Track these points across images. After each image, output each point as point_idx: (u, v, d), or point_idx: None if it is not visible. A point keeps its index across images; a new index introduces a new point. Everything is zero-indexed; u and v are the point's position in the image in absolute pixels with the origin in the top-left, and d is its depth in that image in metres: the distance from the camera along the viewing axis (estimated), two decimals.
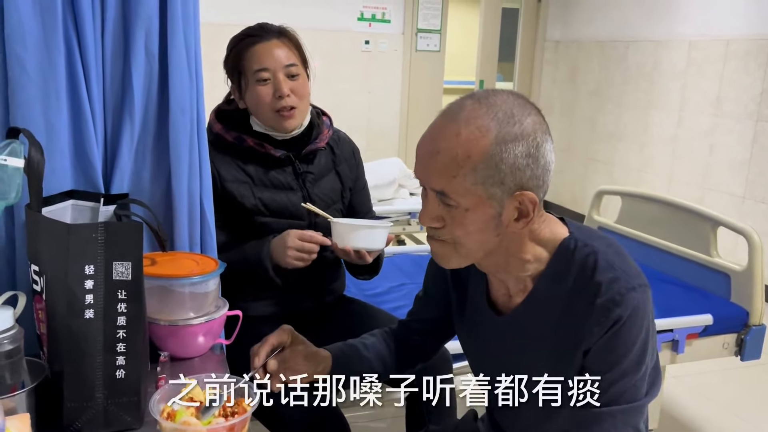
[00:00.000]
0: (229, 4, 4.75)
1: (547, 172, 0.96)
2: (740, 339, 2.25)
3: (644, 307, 0.98)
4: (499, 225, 0.96)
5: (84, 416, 0.98)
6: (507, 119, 0.92)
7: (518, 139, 0.92)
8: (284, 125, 1.60)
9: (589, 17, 5.34)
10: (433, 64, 5.77)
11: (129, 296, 0.98)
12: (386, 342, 1.28)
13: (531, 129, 0.93)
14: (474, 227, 0.96)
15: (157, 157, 1.28)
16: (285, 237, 1.54)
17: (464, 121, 0.93)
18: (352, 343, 1.24)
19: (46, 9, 1.12)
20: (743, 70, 3.97)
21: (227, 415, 0.97)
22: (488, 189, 0.93)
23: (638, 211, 2.70)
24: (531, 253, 1.03)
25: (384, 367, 1.25)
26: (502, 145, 0.91)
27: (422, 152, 0.98)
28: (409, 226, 3.69)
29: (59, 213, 1.16)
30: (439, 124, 0.96)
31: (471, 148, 0.92)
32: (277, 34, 1.60)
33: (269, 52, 1.57)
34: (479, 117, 0.92)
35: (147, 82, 1.24)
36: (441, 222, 0.98)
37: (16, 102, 1.12)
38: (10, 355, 0.95)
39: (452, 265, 1.04)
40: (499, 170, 0.92)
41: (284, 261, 1.53)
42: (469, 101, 0.95)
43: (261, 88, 1.57)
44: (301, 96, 1.60)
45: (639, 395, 1.00)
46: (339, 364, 1.19)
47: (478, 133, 0.92)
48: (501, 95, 0.95)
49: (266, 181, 1.62)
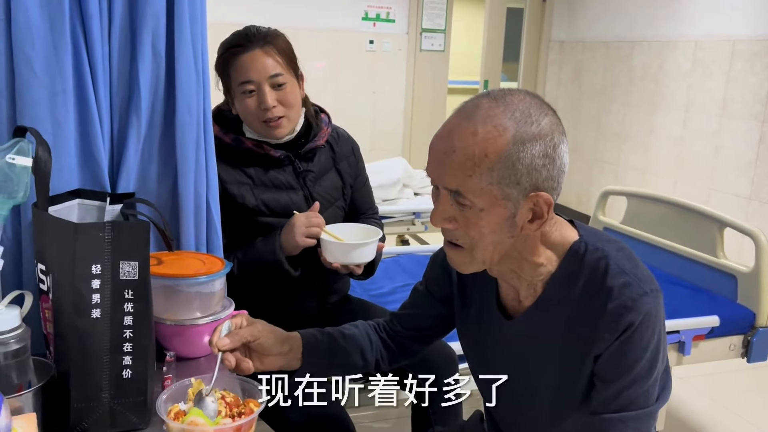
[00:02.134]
0: (235, 5, 4.75)
1: (561, 173, 0.95)
2: (747, 341, 2.24)
3: (656, 312, 0.96)
4: (513, 226, 0.95)
5: (90, 416, 0.98)
6: (524, 119, 0.91)
7: (535, 139, 0.91)
8: (273, 134, 1.59)
9: (595, 17, 5.33)
10: (438, 64, 5.76)
11: (135, 296, 0.98)
12: (368, 334, 1.25)
13: (548, 129, 0.92)
14: (488, 228, 0.94)
15: (164, 157, 1.28)
16: (291, 221, 1.55)
17: (481, 120, 0.91)
18: (329, 332, 1.22)
19: (54, 8, 1.12)
20: (749, 71, 3.96)
21: (234, 415, 0.97)
22: (504, 189, 0.91)
23: (644, 211, 2.69)
24: (544, 256, 1.01)
25: (363, 359, 1.23)
26: (520, 145, 0.90)
27: (436, 150, 0.95)
28: (413, 226, 3.68)
29: (66, 212, 1.16)
30: (454, 122, 0.94)
31: (488, 147, 0.90)
32: (261, 42, 1.54)
33: (253, 63, 1.53)
34: (496, 116, 0.91)
35: (154, 81, 1.24)
36: (453, 223, 0.96)
37: (23, 101, 1.13)
38: (16, 355, 0.95)
39: (470, 270, 1.03)
40: (515, 170, 0.91)
41: (294, 242, 1.53)
42: (486, 100, 0.93)
43: (247, 99, 1.55)
44: (288, 105, 1.57)
45: (650, 401, 0.99)
46: (310, 347, 1.17)
47: (495, 132, 0.90)
48: (518, 94, 0.94)
49: (267, 182, 1.62)
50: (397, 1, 5.51)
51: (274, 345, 1.11)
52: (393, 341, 1.27)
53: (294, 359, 1.15)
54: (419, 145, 5.79)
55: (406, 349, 1.28)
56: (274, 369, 1.13)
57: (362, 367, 1.24)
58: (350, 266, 1.57)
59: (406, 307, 1.30)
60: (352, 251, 1.54)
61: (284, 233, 1.56)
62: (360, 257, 1.55)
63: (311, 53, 5.01)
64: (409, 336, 1.28)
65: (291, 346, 1.15)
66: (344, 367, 1.22)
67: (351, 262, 1.56)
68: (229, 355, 1.04)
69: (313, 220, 1.55)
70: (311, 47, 5.08)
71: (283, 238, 1.56)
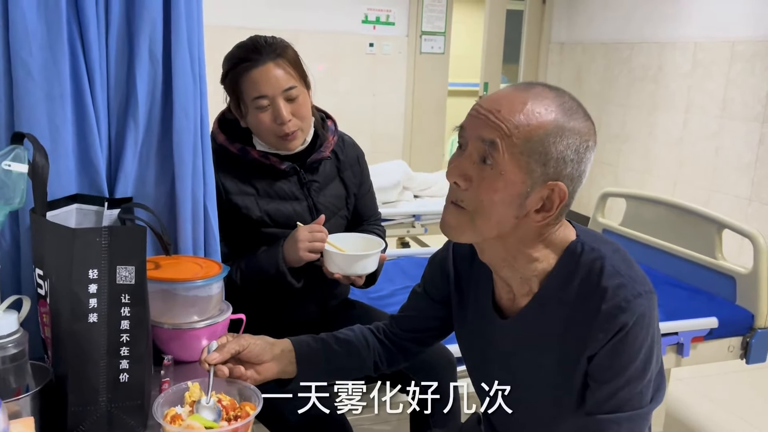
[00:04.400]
0: (233, 7, 4.76)
1: (580, 180, 0.98)
2: (746, 342, 2.24)
3: (650, 314, 0.97)
4: (521, 207, 0.96)
5: (88, 420, 0.98)
6: (571, 112, 0.96)
7: (574, 133, 0.95)
8: (287, 147, 1.58)
9: (594, 19, 5.33)
10: (438, 67, 5.76)
11: (133, 300, 0.98)
12: (364, 337, 1.25)
13: (586, 130, 0.97)
14: (500, 196, 0.95)
15: (161, 161, 1.29)
16: (295, 234, 1.54)
17: (534, 96, 0.95)
18: (322, 337, 1.23)
19: (51, 13, 1.12)
20: (749, 72, 3.96)
21: (230, 419, 0.97)
22: (531, 163, 0.94)
23: (643, 213, 2.70)
24: (540, 252, 1.02)
25: (360, 362, 1.23)
26: (560, 131, 0.94)
27: (482, 109, 0.97)
28: (413, 229, 3.69)
29: (64, 217, 1.16)
30: (507, 91, 0.98)
31: (532, 119, 0.93)
32: (273, 55, 1.52)
33: (266, 77, 1.50)
34: (548, 98, 0.95)
35: (151, 85, 1.24)
36: (468, 182, 0.97)
37: (20, 106, 1.13)
38: (14, 359, 0.95)
39: (463, 238, 1.03)
40: (547, 152, 0.94)
41: (297, 257, 1.53)
42: (540, 84, 0.98)
43: (261, 114, 1.53)
44: (302, 117, 1.56)
45: (644, 402, 0.99)
46: (303, 352, 1.18)
47: (543, 110, 0.94)
48: (568, 93, 0.99)
49: (271, 193, 1.61)
50: (397, 4, 5.51)
51: (264, 350, 1.12)
52: (392, 343, 1.27)
53: (289, 364, 1.16)
54: (419, 148, 5.79)
55: (405, 350, 1.29)
56: (271, 377, 1.14)
57: (360, 369, 1.24)
58: (352, 277, 1.57)
59: (405, 310, 1.30)
60: (355, 263, 1.54)
61: (287, 246, 1.55)
62: (362, 269, 1.55)
63: (311, 56, 5.00)
64: (408, 338, 1.28)
65: (282, 349, 1.16)
66: (342, 371, 1.22)
67: (353, 273, 1.55)
68: (222, 367, 1.05)
69: (317, 234, 1.54)
70: (311, 50, 5.08)
71: (285, 250, 1.55)
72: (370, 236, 1.68)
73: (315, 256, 1.54)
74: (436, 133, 5.86)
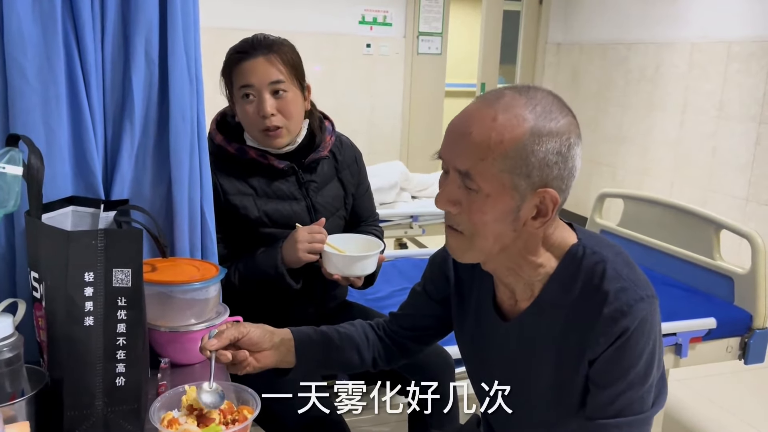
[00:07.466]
0: (230, 9, 4.75)
1: (572, 176, 0.95)
2: (744, 342, 2.24)
3: (652, 318, 0.96)
4: (517, 220, 0.95)
5: (84, 424, 0.97)
6: (545, 114, 0.92)
7: (552, 135, 0.91)
8: (271, 144, 1.58)
9: (591, 19, 5.34)
10: (435, 67, 5.77)
11: (129, 303, 0.98)
12: (365, 332, 1.25)
13: (566, 129, 0.93)
14: (491, 216, 0.94)
15: (158, 163, 1.28)
16: (294, 235, 1.54)
17: (502, 108, 0.92)
18: (323, 329, 1.23)
19: (46, 15, 1.12)
20: (746, 73, 3.97)
21: (228, 422, 0.97)
22: (513, 179, 0.92)
23: (641, 213, 2.70)
24: (543, 257, 1.02)
25: (359, 356, 1.23)
26: (536, 138, 0.91)
27: (453, 132, 0.96)
28: (411, 230, 3.68)
29: (59, 219, 1.15)
30: (475, 108, 0.95)
31: (505, 134, 0.91)
32: (265, 50, 1.53)
33: (254, 69, 1.52)
34: (518, 106, 0.92)
35: (147, 88, 1.23)
36: (458, 207, 0.96)
37: (16, 108, 1.12)
38: (9, 363, 0.94)
39: (466, 259, 1.03)
40: (528, 162, 0.91)
41: (297, 257, 1.53)
42: (509, 91, 0.95)
43: (246, 105, 1.54)
44: (288, 115, 1.55)
45: (645, 407, 0.99)
46: (303, 342, 1.18)
47: (515, 121, 0.91)
48: (541, 91, 0.95)
49: (270, 193, 1.61)
50: (394, 5, 5.52)
51: (263, 338, 1.12)
52: (391, 341, 1.27)
53: (288, 353, 1.16)
54: (417, 149, 5.79)
55: (405, 348, 1.29)
56: (270, 365, 1.14)
57: (359, 364, 1.24)
58: (351, 278, 1.57)
59: (405, 308, 1.30)
60: (354, 264, 1.53)
61: (286, 247, 1.55)
62: (361, 269, 1.55)
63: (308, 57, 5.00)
64: (407, 336, 1.28)
65: (282, 338, 1.16)
66: (341, 364, 1.22)
67: (352, 274, 1.55)
68: (224, 351, 1.05)
69: (317, 236, 1.54)
70: (308, 51, 5.05)
71: (284, 251, 1.55)
72: (369, 237, 1.68)
73: (314, 257, 1.54)
74: (433, 133, 5.86)
